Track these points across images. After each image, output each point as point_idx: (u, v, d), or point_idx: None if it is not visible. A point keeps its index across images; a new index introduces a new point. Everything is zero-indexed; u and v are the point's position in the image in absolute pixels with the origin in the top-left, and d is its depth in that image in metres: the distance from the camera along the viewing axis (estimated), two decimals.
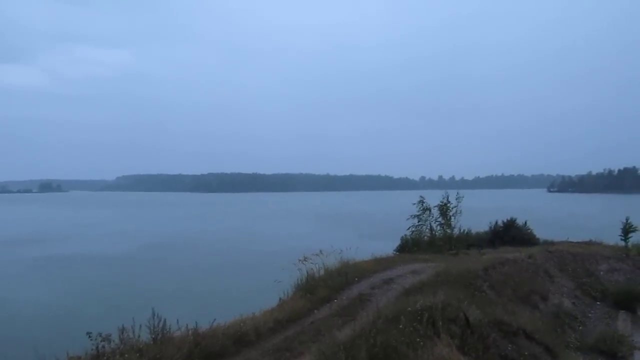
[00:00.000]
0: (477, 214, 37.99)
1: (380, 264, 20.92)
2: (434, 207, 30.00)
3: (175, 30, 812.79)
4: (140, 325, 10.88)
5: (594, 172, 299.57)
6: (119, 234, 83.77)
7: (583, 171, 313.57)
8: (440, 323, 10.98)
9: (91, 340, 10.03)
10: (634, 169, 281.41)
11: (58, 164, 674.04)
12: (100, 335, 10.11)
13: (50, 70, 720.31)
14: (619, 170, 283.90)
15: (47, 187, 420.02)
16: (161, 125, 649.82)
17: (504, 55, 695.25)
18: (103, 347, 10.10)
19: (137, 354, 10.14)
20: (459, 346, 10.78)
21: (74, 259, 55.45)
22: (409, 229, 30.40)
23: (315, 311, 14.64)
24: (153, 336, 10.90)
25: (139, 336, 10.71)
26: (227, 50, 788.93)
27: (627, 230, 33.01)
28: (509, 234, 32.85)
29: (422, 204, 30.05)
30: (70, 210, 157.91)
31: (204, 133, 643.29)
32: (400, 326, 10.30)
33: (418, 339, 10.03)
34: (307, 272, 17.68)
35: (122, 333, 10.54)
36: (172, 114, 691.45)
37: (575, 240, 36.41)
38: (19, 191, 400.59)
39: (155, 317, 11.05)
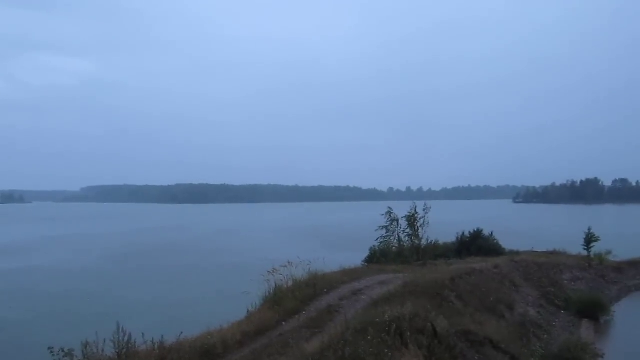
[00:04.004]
0: (444, 226, 38.39)
1: (348, 275, 20.95)
2: (402, 217, 30.24)
3: (141, 39, 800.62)
4: (105, 340, 10.66)
5: (557, 184, 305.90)
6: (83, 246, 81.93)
7: (547, 182, 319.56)
8: (408, 334, 11.04)
9: (53, 355, 9.79)
10: (595, 180, 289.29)
11: (21, 174, 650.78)
12: (63, 350, 9.88)
13: (11, 77, 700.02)
14: (581, 182, 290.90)
15: (8, 198, 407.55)
16: (127, 135, 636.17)
17: (471, 71, 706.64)
18: None
19: None
20: (427, 357, 10.86)
21: (34, 272, 53.97)
22: (377, 240, 30.55)
23: (284, 323, 14.56)
24: (117, 351, 10.66)
25: (102, 351, 10.50)
26: (194, 60, 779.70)
27: (589, 240, 33.91)
28: (476, 245, 33.30)
29: (390, 215, 30.26)
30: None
31: (172, 143, 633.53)
32: (369, 337, 10.32)
33: (386, 350, 10.07)
34: (276, 284, 17.59)
35: (86, 348, 10.33)
36: (138, 124, 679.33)
37: (540, 250, 37.20)
38: None
39: (120, 330, 10.82)
